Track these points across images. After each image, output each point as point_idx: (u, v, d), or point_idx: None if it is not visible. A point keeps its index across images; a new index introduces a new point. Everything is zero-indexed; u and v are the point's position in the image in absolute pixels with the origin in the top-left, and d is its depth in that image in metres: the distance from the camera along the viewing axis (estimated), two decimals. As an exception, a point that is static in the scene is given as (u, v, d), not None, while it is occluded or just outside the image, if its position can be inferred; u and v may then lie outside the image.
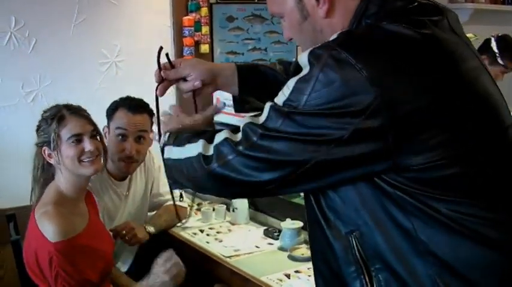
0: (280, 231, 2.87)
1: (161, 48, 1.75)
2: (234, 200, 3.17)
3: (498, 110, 1.35)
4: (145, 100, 2.96)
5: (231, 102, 3.81)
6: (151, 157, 3.19)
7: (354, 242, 1.32)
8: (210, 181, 1.40)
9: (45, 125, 2.33)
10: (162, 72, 1.78)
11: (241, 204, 3.18)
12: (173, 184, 1.59)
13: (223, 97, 3.85)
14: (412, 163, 1.22)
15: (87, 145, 2.33)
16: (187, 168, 1.44)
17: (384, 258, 1.29)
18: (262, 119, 1.32)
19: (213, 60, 4.00)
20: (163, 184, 3.22)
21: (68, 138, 2.31)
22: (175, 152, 1.51)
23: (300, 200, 2.98)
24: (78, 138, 2.33)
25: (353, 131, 1.21)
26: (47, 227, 2.24)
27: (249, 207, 3.20)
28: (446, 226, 1.24)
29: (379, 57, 1.24)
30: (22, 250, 2.42)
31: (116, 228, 2.89)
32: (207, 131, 1.49)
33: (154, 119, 1.72)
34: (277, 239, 2.85)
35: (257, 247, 2.86)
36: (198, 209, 3.45)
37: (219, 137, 1.38)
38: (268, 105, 1.33)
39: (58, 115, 2.32)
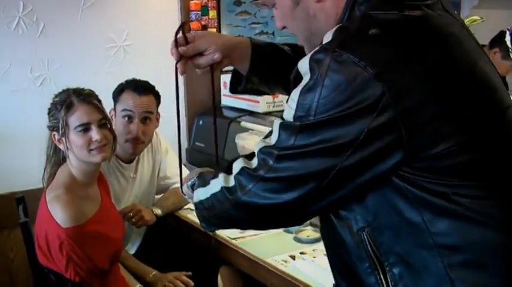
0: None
1: (183, 23, 1.70)
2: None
3: (497, 92, 1.35)
4: (152, 83, 2.99)
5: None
6: (159, 140, 3.21)
7: (365, 238, 1.31)
8: (238, 212, 1.38)
9: (54, 110, 2.34)
10: (179, 48, 1.70)
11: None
12: (208, 227, 1.54)
13: (229, 82, 3.87)
14: (423, 152, 1.21)
15: (95, 135, 2.33)
16: (214, 204, 1.44)
17: (396, 253, 1.29)
18: (274, 139, 1.30)
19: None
20: (170, 167, 3.25)
21: (75, 127, 2.32)
22: (202, 193, 1.49)
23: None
24: (86, 127, 2.33)
25: (368, 131, 1.19)
26: (57, 213, 2.27)
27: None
28: (455, 214, 1.24)
29: (380, 52, 1.22)
30: (31, 232, 2.45)
31: (122, 210, 2.91)
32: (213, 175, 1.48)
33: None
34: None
35: (263, 229, 2.87)
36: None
37: (236, 167, 1.37)
38: (277, 124, 1.30)
39: (67, 102, 2.32)
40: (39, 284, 2.56)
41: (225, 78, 3.92)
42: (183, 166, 3.37)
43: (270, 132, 1.34)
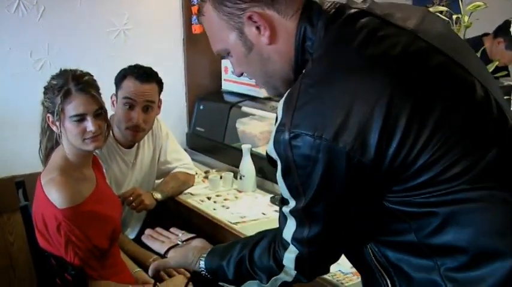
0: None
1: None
2: (241, 168, 3.18)
3: (457, 72, 1.32)
4: (154, 69, 2.97)
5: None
6: (159, 125, 3.20)
7: (371, 251, 1.38)
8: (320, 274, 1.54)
9: (51, 93, 2.32)
10: None
11: (249, 172, 3.19)
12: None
13: (231, 66, 3.86)
14: (404, 174, 1.23)
15: (90, 125, 2.31)
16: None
17: (399, 265, 1.32)
18: (293, 225, 1.38)
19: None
20: (170, 152, 3.25)
21: (71, 116, 2.30)
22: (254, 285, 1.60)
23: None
24: (81, 118, 2.31)
25: (350, 186, 1.25)
26: (53, 195, 2.27)
27: (257, 175, 3.21)
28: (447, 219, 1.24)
29: (327, 114, 1.23)
30: (31, 215, 2.45)
31: (123, 194, 2.91)
32: (263, 265, 1.55)
33: None
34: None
35: (263, 213, 2.88)
36: (206, 177, 3.47)
37: (288, 262, 1.45)
38: (287, 211, 1.37)
39: (65, 89, 2.29)
40: (40, 268, 2.56)
41: (226, 63, 3.93)
42: (184, 151, 3.39)
43: (285, 218, 1.41)
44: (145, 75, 2.90)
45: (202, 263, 1.75)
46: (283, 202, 1.39)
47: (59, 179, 2.30)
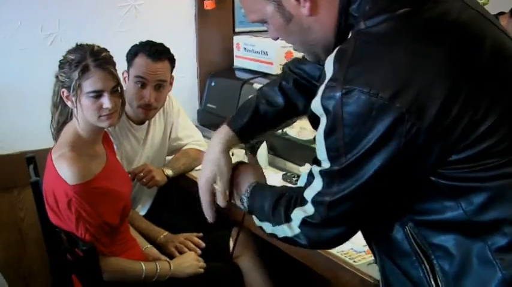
0: (299, 176, 2.86)
1: None
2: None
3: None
4: (165, 44, 2.95)
5: (251, 47, 3.80)
6: (171, 102, 3.19)
7: (409, 233, 1.32)
8: (320, 245, 1.49)
9: (67, 68, 2.30)
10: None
11: (261, 149, 3.16)
12: None
13: (243, 43, 3.84)
14: (462, 143, 1.19)
15: (106, 102, 2.30)
16: (292, 243, 1.46)
17: (440, 246, 1.28)
18: (318, 185, 1.32)
19: (233, 12, 3.95)
20: (182, 128, 3.24)
21: (88, 92, 2.29)
22: (269, 229, 1.51)
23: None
24: (98, 94, 2.30)
25: (398, 153, 1.18)
26: (64, 170, 2.26)
27: (268, 152, 3.19)
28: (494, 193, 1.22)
29: (386, 72, 1.19)
30: (42, 191, 2.44)
31: (133, 170, 2.91)
32: (275, 210, 1.48)
33: None
34: (296, 184, 2.84)
35: (275, 191, 2.85)
36: (217, 154, 3.45)
37: (296, 218, 1.39)
38: (316, 171, 1.32)
39: (83, 64, 2.27)
40: (51, 243, 2.56)
41: (238, 40, 3.89)
42: (195, 127, 3.38)
43: (312, 177, 1.35)
44: (157, 53, 2.88)
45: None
46: (315, 161, 1.34)
47: (70, 155, 2.28)
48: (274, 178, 3.04)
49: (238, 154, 3.23)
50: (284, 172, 3.05)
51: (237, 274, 2.84)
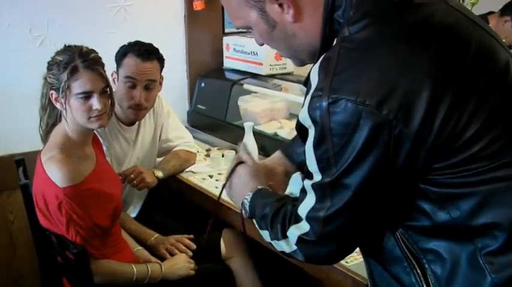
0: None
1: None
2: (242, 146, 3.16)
3: (498, 58, 1.30)
4: (155, 45, 2.94)
5: (240, 47, 3.80)
6: (161, 102, 3.17)
7: (400, 239, 1.31)
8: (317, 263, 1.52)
9: (56, 69, 2.28)
10: None
11: (251, 149, 3.16)
12: None
13: (232, 43, 3.83)
14: (452, 147, 1.19)
15: (96, 103, 2.29)
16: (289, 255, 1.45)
17: (431, 250, 1.28)
18: (311, 200, 1.31)
19: (223, 13, 3.93)
20: (172, 129, 3.23)
21: (77, 93, 2.27)
22: (267, 237, 1.51)
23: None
24: (87, 95, 2.28)
25: (387, 159, 1.18)
26: (54, 173, 2.25)
27: (259, 153, 3.18)
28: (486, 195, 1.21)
29: (370, 79, 1.18)
30: (31, 193, 2.43)
31: (124, 172, 2.90)
32: (273, 224, 1.47)
33: None
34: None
35: (266, 192, 2.84)
36: (207, 155, 3.45)
37: (292, 235, 1.39)
38: (308, 185, 1.31)
39: (71, 65, 2.26)
40: (41, 246, 2.55)
41: (227, 40, 3.89)
42: (185, 129, 3.38)
43: (304, 192, 1.34)
44: (146, 53, 2.87)
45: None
46: (307, 175, 1.33)
47: (60, 157, 2.27)
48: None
49: (229, 155, 3.23)
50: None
51: (229, 275, 2.83)
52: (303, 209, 1.34)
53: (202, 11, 3.79)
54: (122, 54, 2.89)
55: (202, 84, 3.94)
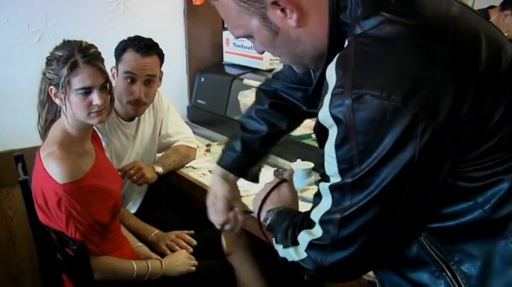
0: (290, 172, 2.84)
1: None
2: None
3: (505, 52, 1.28)
4: (154, 40, 2.92)
5: (240, 42, 3.78)
6: (160, 98, 3.16)
7: (425, 242, 1.26)
8: (327, 274, 1.34)
9: (56, 65, 2.27)
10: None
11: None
12: None
13: (232, 38, 3.81)
14: (476, 140, 1.16)
15: (96, 99, 2.27)
16: (299, 269, 1.37)
17: (459, 249, 1.24)
18: (327, 203, 1.25)
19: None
20: (172, 125, 3.22)
21: (77, 89, 2.26)
22: (282, 252, 1.44)
23: (311, 141, 2.96)
24: (87, 91, 2.27)
25: (416, 157, 1.12)
26: (53, 169, 2.23)
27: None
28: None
29: (394, 74, 1.14)
30: (30, 189, 2.42)
31: (123, 168, 2.89)
32: (287, 231, 1.43)
33: None
34: (288, 180, 2.83)
35: (266, 187, 2.83)
36: (207, 150, 3.43)
37: (302, 241, 1.33)
38: (325, 187, 1.25)
39: (71, 61, 2.24)
40: (41, 243, 2.54)
41: (227, 35, 3.87)
42: (185, 124, 3.37)
43: (319, 197, 1.29)
44: (145, 48, 2.85)
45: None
46: (322, 178, 1.27)
47: (59, 153, 2.25)
48: (265, 173, 3.00)
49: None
50: (275, 168, 3.03)
51: (229, 271, 2.82)
52: (317, 213, 1.28)
53: (202, 5, 3.78)
54: (122, 49, 2.88)
55: (202, 79, 3.92)
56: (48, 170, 2.24)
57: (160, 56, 2.92)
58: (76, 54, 2.25)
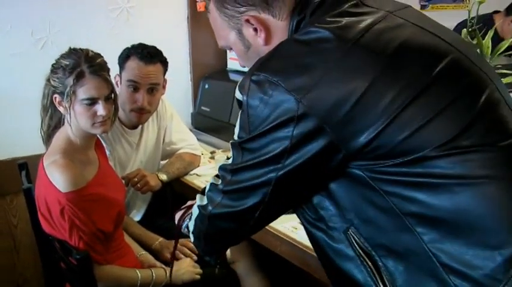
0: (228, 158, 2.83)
1: None
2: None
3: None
4: (158, 47, 2.91)
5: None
6: (164, 105, 3.15)
7: (352, 238, 1.35)
8: (213, 225, 1.51)
9: (61, 73, 2.25)
10: None
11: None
12: (210, 258, 1.74)
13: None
14: (361, 143, 1.25)
15: (100, 109, 2.26)
16: (199, 229, 1.57)
17: (382, 245, 1.31)
18: (231, 157, 1.44)
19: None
20: (175, 132, 3.21)
21: (82, 99, 2.25)
22: (190, 225, 1.63)
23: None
24: (92, 102, 2.26)
25: (293, 138, 1.28)
26: (56, 178, 2.22)
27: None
28: (426, 186, 1.24)
29: (290, 65, 1.30)
30: (34, 198, 2.41)
31: (127, 175, 2.87)
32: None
33: None
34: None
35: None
36: (212, 157, 3.42)
37: (208, 185, 1.53)
38: (230, 145, 1.44)
39: (77, 70, 2.23)
40: (45, 251, 2.53)
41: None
42: (189, 131, 3.36)
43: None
44: (149, 56, 2.84)
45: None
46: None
47: (62, 162, 2.24)
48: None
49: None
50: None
51: (234, 279, 2.81)
52: (221, 163, 1.49)
53: (206, 12, 3.74)
54: (125, 57, 2.87)
55: (206, 86, 3.91)
56: (51, 179, 2.23)
57: (164, 64, 2.91)
58: (82, 64, 2.24)
